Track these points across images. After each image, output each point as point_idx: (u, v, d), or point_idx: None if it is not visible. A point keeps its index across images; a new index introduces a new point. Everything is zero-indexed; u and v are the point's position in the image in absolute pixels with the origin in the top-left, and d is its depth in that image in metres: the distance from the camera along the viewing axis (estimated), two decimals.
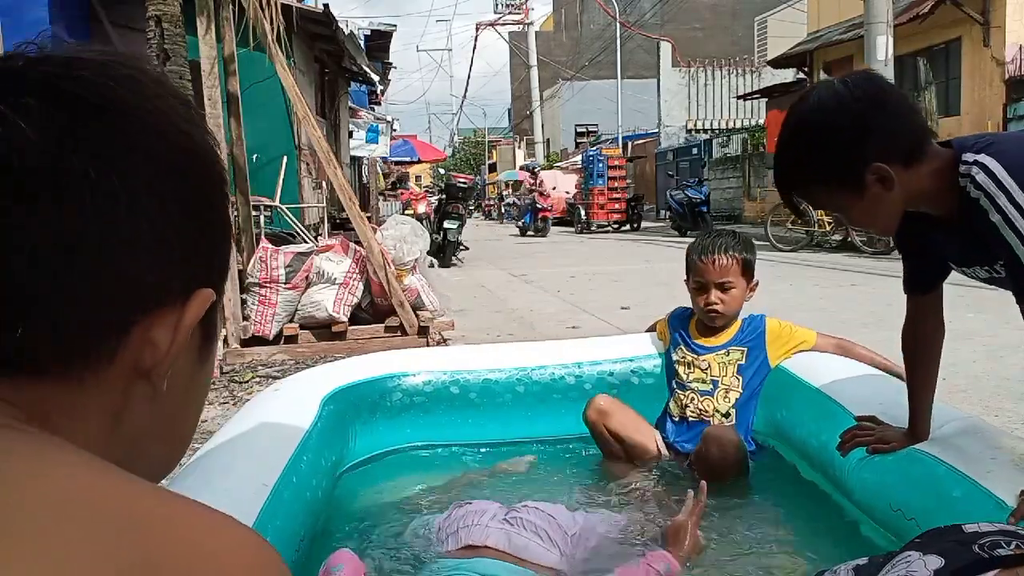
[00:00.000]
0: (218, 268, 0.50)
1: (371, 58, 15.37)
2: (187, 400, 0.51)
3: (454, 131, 63.11)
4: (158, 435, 0.50)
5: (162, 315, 0.45)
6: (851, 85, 1.41)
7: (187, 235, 0.46)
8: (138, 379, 0.45)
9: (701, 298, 2.40)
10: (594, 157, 20.76)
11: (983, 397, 3.17)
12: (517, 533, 1.66)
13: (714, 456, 2.14)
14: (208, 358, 0.52)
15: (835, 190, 1.42)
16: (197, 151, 0.48)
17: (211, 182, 0.49)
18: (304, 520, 1.78)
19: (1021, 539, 0.98)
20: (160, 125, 0.45)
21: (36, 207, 0.40)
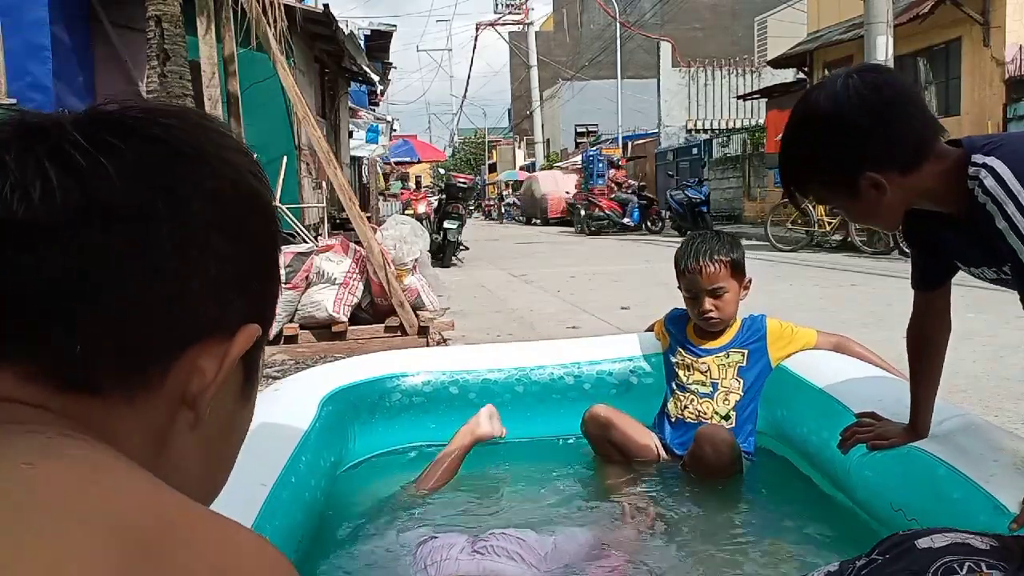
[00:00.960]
0: (266, 307, 0.53)
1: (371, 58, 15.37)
2: (227, 435, 0.54)
3: (454, 131, 63.12)
4: (196, 466, 0.52)
5: (211, 345, 0.48)
6: (857, 85, 1.40)
7: (242, 273, 0.50)
8: (183, 407, 0.48)
9: (695, 306, 2.38)
10: (594, 157, 20.76)
11: (983, 397, 3.17)
12: (489, 560, 1.64)
13: (708, 456, 2.14)
14: (249, 398, 0.55)
15: (832, 190, 1.46)
16: (258, 197, 0.52)
17: (267, 226, 0.53)
18: (303, 520, 1.78)
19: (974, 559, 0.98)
20: (228, 171, 0.50)
21: (116, 235, 0.44)
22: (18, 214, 0.43)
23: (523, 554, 1.67)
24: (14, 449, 0.40)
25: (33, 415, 0.44)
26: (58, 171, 0.44)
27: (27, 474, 0.38)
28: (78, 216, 0.44)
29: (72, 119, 0.47)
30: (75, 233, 0.44)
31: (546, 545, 1.75)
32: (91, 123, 0.47)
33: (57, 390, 0.45)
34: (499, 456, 2.53)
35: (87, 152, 0.45)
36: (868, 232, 10.07)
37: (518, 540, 1.71)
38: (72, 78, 6.66)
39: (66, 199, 0.44)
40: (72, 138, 0.45)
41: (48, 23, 6.23)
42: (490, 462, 2.47)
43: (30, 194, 0.43)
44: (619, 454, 2.36)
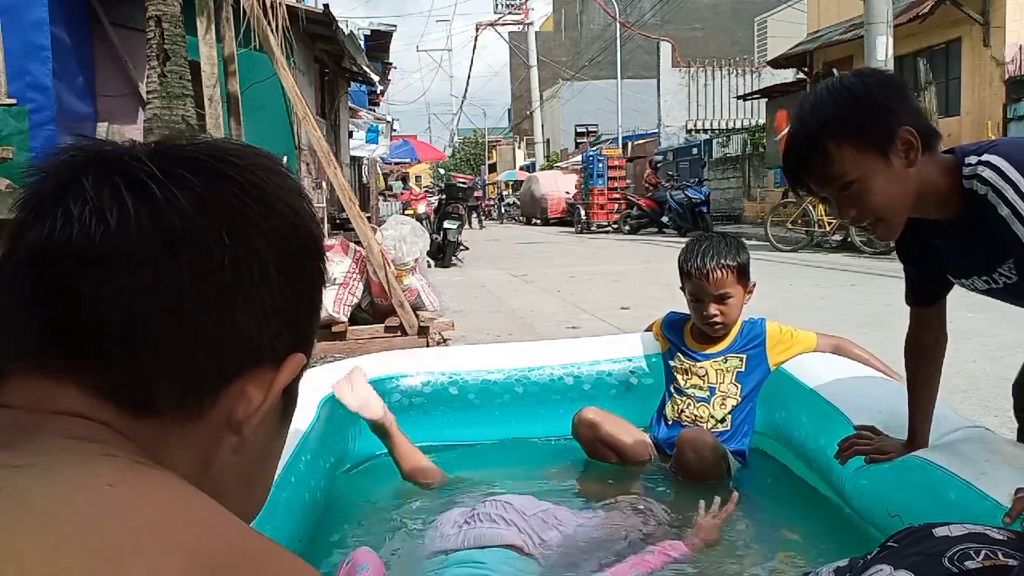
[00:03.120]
0: (309, 339, 0.56)
1: (371, 58, 15.38)
2: (266, 458, 0.56)
3: (454, 131, 63.10)
4: (237, 488, 0.54)
5: (260, 373, 0.50)
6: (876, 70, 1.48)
7: (292, 307, 0.52)
8: (228, 431, 0.50)
9: (700, 310, 2.37)
10: (594, 157, 20.75)
11: (983, 397, 3.17)
12: (472, 527, 1.73)
13: (690, 460, 2.15)
14: (287, 422, 0.57)
15: (863, 150, 1.39)
16: (312, 240, 0.55)
17: (317, 266, 0.55)
18: (302, 521, 1.78)
19: (990, 547, 0.98)
20: (288, 213, 0.52)
21: (184, 263, 0.47)
22: (95, 239, 0.45)
23: (506, 516, 1.75)
24: (95, 470, 0.41)
25: (98, 431, 0.45)
26: (134, 199, 0.46)
27: (109, 495, 0.40)
28: (151, 243, 0.46)
29: (147, 151, 0.50)
30: (147, 259, 0.46)
31: (533, 507, 1.81)
32: (164, 156, 0.49)
33: (118, 408, 0.46)
34: (499, 456, 2.53)
35: (162, 183, 0.47)
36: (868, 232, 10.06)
37: (504, 504, 1.79)
38: (72, 78, 6.66)
39: (141, 226, 0.46)
40: (148, 168, 0.47)
41: (48, 23, 6.23)
42: (490, 462, 2.47)
43: (107, 219, 0.45)
44: (612, 454, 2.35)
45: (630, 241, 15.16)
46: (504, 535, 1.70)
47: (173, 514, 0.41)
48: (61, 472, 0.41)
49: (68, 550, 0.36)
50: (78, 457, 0.42)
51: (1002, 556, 0.96)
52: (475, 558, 1.63)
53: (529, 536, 1.73)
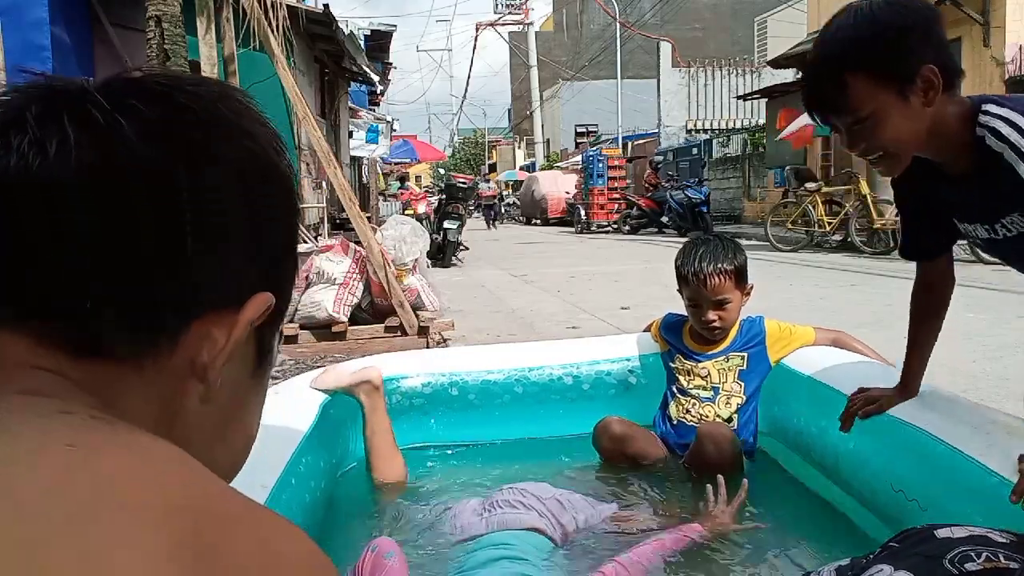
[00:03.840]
0: (281, 281, 0.53)
1: (371, 58, 15.38)
2: (239, 410, 0.53)
3: (454, 131, 63.12)
4: (209, 442, 0.51)
5: (223, 314, 0.47)
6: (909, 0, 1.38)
7: (258, 245, 0.49)
8: (192, 377, 0.47)
9: (698, 315, 2.37)
10: (594, 157, 20.75)
11: (983, 397, 3.17)
12: (492, 513, 1.77)
13: (710, 453, 2.15)
14: (262, 377, 0.54)
15: (881, 84, 1.34)
16: (276, 170, 0.52)
17: (285, 200, 0.52)
18: (303, 522, 1.78)
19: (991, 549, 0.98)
20: (249, 143, 0.50)
21: (131, 196, 0.44)
22: (33, 169, 0.43)
23: (525, 501, 1.78)
24: (51, 428, 0.39)
25: (53, 384, 0.43)
26: (76, 129, 0.44)
27: (68, 457, 0.38)
28: (94, 174, 0.43)
29: (98, 84, 0.48)
30: (89, 191, 0.43)
31: (549, 492, 1.86)
32: (116, 87, 0.47)
33: (71, 355, 0.44)
34: (499, 457, 2.53)
35: (107, 112, 0.45)
36: (868, 232, 10.08)
37: (521, 491, 1.83)
38: None
39: (81, 156, 0.43)
40: (94, 99, 0.45)
41: (48, 23, 6.23)
42: (489, 463, 2.47)
43: (46, 150, 0.43)
44: (629, 463, 2.35)
45: (630, 241, 15.16)
46: (525, 519, 1.74)
47: (139, 474, 0.38)
48: (16, 434, 0.39)
49: (25, 519, 0.34)
50: (34, 416, 0.40)
51: (1003, 559, 0.96)
52: (503, 540, 1.66)
53: (549, 520, 1.76)
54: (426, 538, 1.85)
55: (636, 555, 1.64)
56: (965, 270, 7.64)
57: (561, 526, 1.80)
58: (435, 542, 1.80)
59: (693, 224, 15.19)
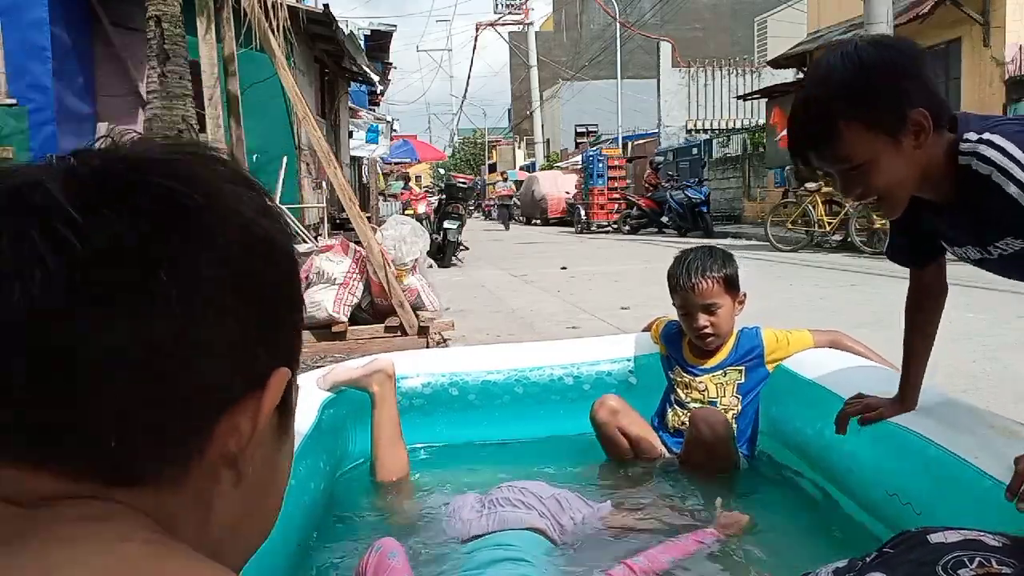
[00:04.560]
0: (292, 346, 0.51)
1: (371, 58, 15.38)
2: (271, 475, 0.52)
3: (454, 131, 63.12)
4: (248, 513, 0.51)
5: (245, 402, 0.46)
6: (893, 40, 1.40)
7: (265, 325, 0.47)
8: (224, 467, 0.47)
9: (690, 322, 2.37)
10: (594, 157, 20.75)
11: (983, 397, 3.17)
12: (492, 511, 1.77)
13: (705, 434, 2.17)
14: (288, 431, 0.53)
15: (873, 130, 1.34)
16: (270, 243, 0.48)
17: (283, 270, 0.49)
18: (302, 523, 1.78)
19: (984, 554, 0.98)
20: (237, 220, 0.46)
21: (120, 317, 0.41)
22: (22, 307, 0.40)
23: (525, 500, 1.79)
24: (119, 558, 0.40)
25: (110, 509, 0.42)
26: (54, 255, 0.40)
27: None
28: (80, 301, 0.40)
29: (62, 180, 0.43)
30: (80, 320, 0.40)
31: (547, 491, 1.87)
32: (82, 185, 0.43)
33: (103, 486, 0.43)
34: (499, 457, 2.54)
35: (79, 229, 0.41)
36: (868, 232, 10.08)
37: (521, 489, 1.84)
38: (72, 78, 6.66)
39: (68, 284, 0.40)
40: (65, 213, 0.41)
41: (48, 23, 6.24)
42: (489, 463, 2.48)
43: (29, 285, 0.40)
44: (625, 443, 2.36)
45: (630, 241, 15.16)
46: (526, 518, 1.74)
47: None
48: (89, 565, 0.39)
49: None
50: (100, 545, 0.40)
51: (996, 564, 0.96)
52: (506, 541, 1.67)
53: (549, 520, 1.77)
54: (426, 537, 1.85)
55: (647, 559, 1.64)
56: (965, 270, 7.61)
57: (560, 526, 1.80)
58: (435, 541, 1.81)
59: (693, 224, 15.19)
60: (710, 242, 2.80)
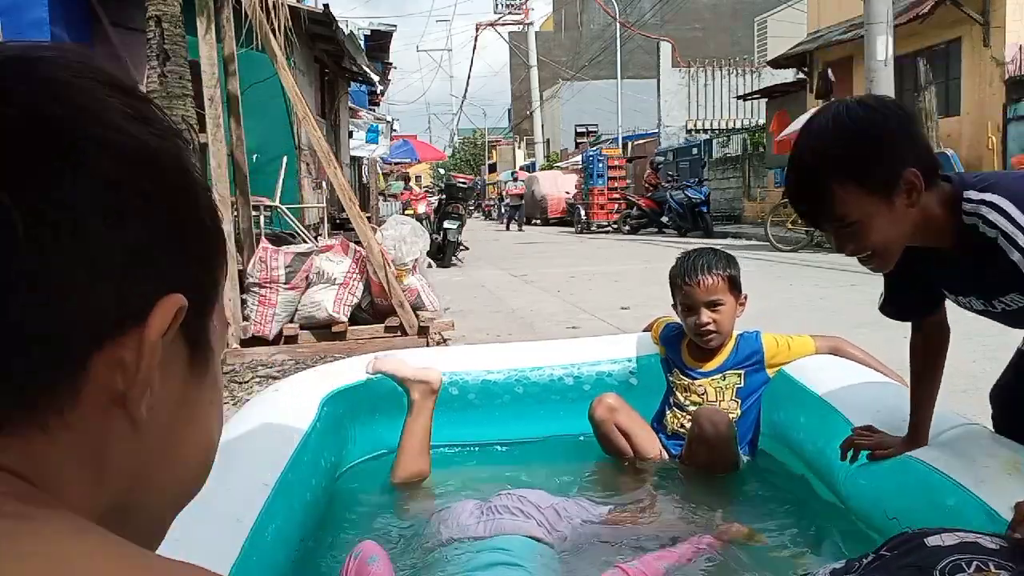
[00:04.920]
0: (196, 272, 0.45)
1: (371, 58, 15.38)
2: (185, 422, 0.47)
3: (454, 131, 63.13)
4: (158, 464, 0.45)
5: (130, 333, 0.41)
6: (881, 100, 1.43)
7: (147, 247, 0.42)
8: (114, 409, 0.41)
9: (692, 319, 2.37)
10: (594, 157, 20.76)
11: (983, 397, 3.16)
12: (491, 517, 1.77)
13: (708, 432, 2.17)
14: (206, 372, 0.48)
15: (865, 191, 1.38)
16: (148, 151, 0.42)
17: (171, 183, 0.44)
18: (303, 521, 1.78)
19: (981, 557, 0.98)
20: (105, 135, 0.41)
21: None
22: None
23: (524, 508, 1.80)
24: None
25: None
26: None
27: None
28: None
29: None
30: None
31: (546, 500, 1.87)
32: None
33: None
34: (499, 457, 2.54)
35: None
36: None
37: (520, 497, 1.84)
38: None
39: None
40: None
41: (48, 23, 6.24)
42: (489, 463, 2.48)
43: None
44: (623, 442, 2.37)
45: (630, 241, 15.16)
46: (524, 527, 1.74)
47: None
48: None
49: None
50: None
51: (993, 567, 0.96)
52: (501, 546, 1.66)
53: (547, 529, 1.77)
54: (423, 539, 1.84)
55: (642, 564, 1.64)
56: None
57: (558, 534, 1.80)
58: (432, 543, 1.80)
59: (693, 224, 15.18)
60: (710, 243, 2.80)
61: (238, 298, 4.48)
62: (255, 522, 1.44)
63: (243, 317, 4.54)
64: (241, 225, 5.12)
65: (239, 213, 5.09)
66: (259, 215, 6.09)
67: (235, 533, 1.37)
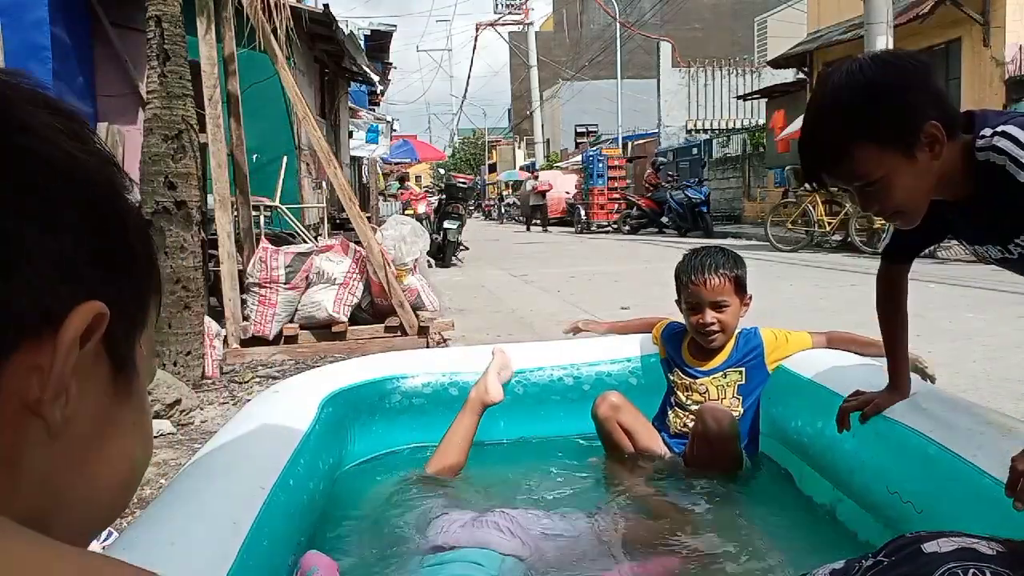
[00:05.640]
0: (120, 290, 0.45)
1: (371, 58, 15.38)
2: (103, 441, 0.47)
3: (454, 131, 63.14)
4: (75, 479, 0.45)
5: (47, 339, 0.41)
6: (895, 53, 1.40)
7: (71, 256, 0.42)
8: (29, 416, 0.42)
9: (696, 318, 2.36)
10: (594, 157, 20.75)
11: (983, 397, 3.17)
12: (480, 529, 1.76)
13: (712, 429, 2.17)
14: (129, 393, 0.48)
15: (886, 149, 1.34)
16: (70, 162, 0.43)
17: (91, 194, 0.44)
18: (302, 522, 1.78)
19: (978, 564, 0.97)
20: (31, 145, 0.42)
21: None
22: None
23: (512, 528, 1.78)
24: None
25: None
26: None
27: None
28: None
29: None
30: None
31: (538, 523, 1.85)
32: None
33: None
34: (499, 457, 2.53)
35: None
36: (868, 232, 10.07)
37: (512, 517, 1.83)
38: (72, 78, 6.66)
39: None
40: None
41: (48, 23, 6.23)
42: (489, 463, 2.47)
43: None
44: (625, 438, 2.36)
45: (630, 241, 15.16)
46: (509, 546, 1.72)
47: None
48: None
49: None
50: None
51: (990, 574, 0.96)
52: (473, 558, 1.65)
53: (530, 549, 1.75)
54: (411, 544, 1.83)
55: None
56: (965, 270, 7.63)
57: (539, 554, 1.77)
58: (417, 549, 1.79)
59: (693, 224, 15.19)
60: (711, 242, 2.80)
61: (238, 298, 4.48)
62: (252, 524, 1.44)
63: (243, 317, 4.53)
64: (241, 225, 5.12)
65: (239, 213, 5.09)
66: (259, 215, 6.08)
67: (233, 535, 1.37)
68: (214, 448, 1.82)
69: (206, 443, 1.92)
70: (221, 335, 4.31)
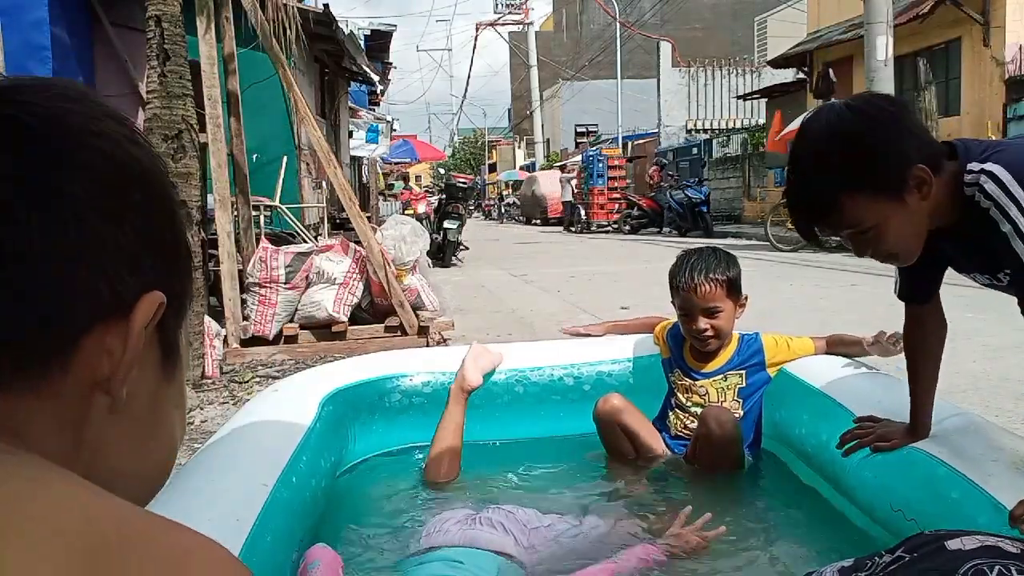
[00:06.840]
0: (171, 278, 0.51)
1: (371, 58, 15.37)
2: (154, 418, 0.52)
3: (454, 131, 63.14)
4: (127, 451, 0.50)
5: (116, 323, 0.46)
6: (869, 98, 1.39)
7: (132, 248, 0.47)
8: (97, 390, 0.47)
9: (689, 324, 2.35)
10: (594, 157, 20.75)
11: (983, 397, 3.17)
12: (471, 528, 1.75)
13: (714, 431, 2.16)
14: (173, 377, 0.53)
15: (876, 198, 1.34)
16: (136, 166, 0.49)
17: (153, 194, 0.50)
18: (303, 520, 1.78)
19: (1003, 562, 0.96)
20: (99, 143, 0.47)
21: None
22: None
23: (505, 524, 1.77)
24: None
25: None
26: None
27: None
28: None
29: None
30: None
31: (534, 520, 1.84)
32: None
33: None
34: (499, 457, 2.54)
35: None
36: None
37: (507, 513, 1.82)
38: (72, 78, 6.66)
39: None
40: None
41: (48, 23, 6.22)
42: (489, 463, 2.48)
43: None
44: (626, 440, 2.36)
45: (630, 241, 15.16)
46: (499, 542, 1.72)
47: (34, 505, 0.39)
48: None
49: None
50: None
51: (1016, 572, 0.95)
52: (458, 557, 1.64)
53: (525, 549, 1.74)
54: (408, 542, 1.83)
55: None
56: None
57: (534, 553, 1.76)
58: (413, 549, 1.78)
59: (693, 224, 15.19)
60: (711, 242, 2.80)
61: (238, 298, 4.48)
62: (255, 522, 1.44)
63: (243, 317, 4.53)
64: (241, 225, 5.12)
65: (239, 213, 5.09)
66: (259, 215, 6.08)
67: (235, 533, 1.37)
68: (215, 446, 1.82)
69: (207, 441, 1.92)
70: (221, 335, 4.31)
